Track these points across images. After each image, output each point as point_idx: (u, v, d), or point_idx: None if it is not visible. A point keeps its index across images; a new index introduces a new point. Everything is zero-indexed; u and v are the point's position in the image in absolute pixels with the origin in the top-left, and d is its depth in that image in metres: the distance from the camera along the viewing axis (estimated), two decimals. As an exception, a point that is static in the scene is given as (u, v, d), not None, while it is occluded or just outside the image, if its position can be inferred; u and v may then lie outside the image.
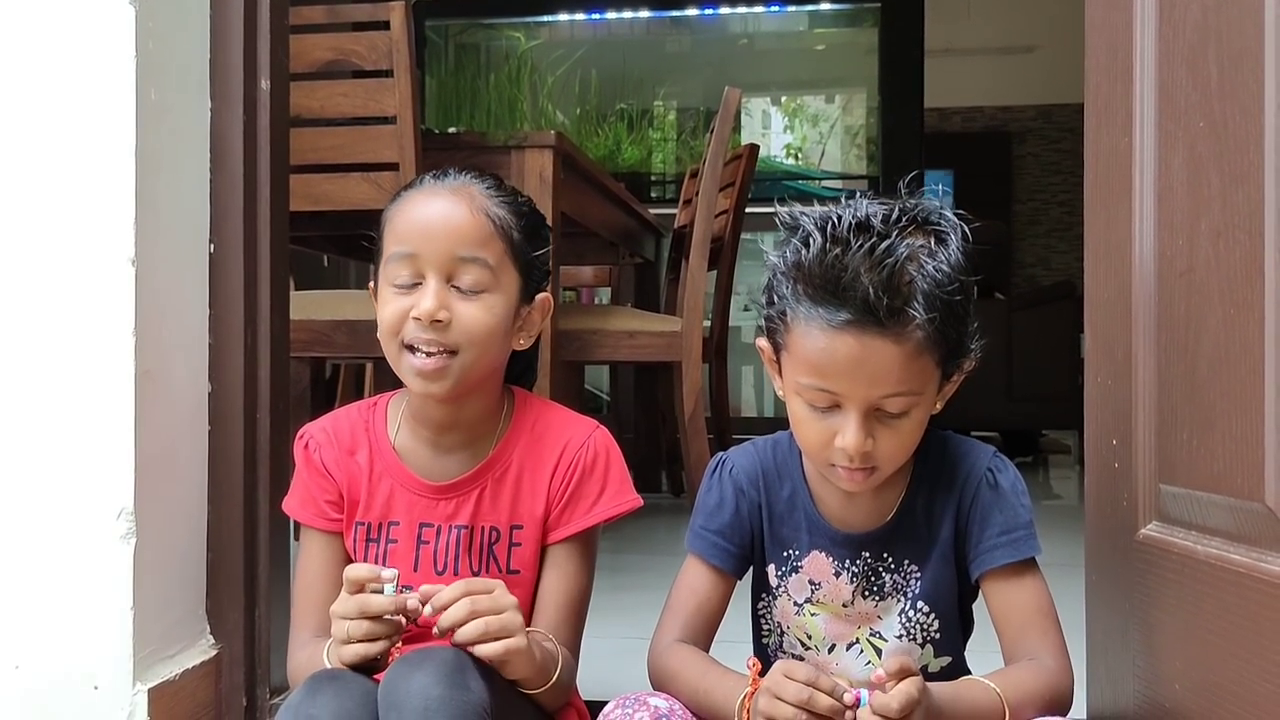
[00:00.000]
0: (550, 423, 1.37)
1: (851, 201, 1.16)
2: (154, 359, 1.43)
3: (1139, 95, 1.22)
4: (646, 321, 3.26)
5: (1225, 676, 1.06)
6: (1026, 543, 1.22)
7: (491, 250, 1.28)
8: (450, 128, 6.36)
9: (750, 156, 3.79)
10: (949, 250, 1.13)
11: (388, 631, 1.16)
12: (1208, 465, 1.09)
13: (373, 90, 2.59)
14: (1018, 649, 1.19)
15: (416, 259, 1.26)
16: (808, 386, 1.14)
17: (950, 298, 1.11)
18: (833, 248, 1.11)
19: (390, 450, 1.36)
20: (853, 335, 1.09)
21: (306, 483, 1.38)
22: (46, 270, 1.41)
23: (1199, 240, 1.10)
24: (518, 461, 1.35)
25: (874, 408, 1.13)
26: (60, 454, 1.40)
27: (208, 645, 1.55)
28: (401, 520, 1.35)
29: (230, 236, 1.56)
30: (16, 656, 1.41)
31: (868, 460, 1.14)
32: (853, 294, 1.09)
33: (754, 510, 1.29)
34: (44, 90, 1.41)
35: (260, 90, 1.59)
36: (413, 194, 1.31)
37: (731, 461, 1.32)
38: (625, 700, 1.14)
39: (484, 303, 1.27)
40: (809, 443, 1.18)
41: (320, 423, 1.41)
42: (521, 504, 1.34)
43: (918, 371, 1.12)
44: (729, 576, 1.30)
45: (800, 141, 7.23)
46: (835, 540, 1.26)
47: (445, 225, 1.27)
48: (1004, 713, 1.08)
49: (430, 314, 1.24)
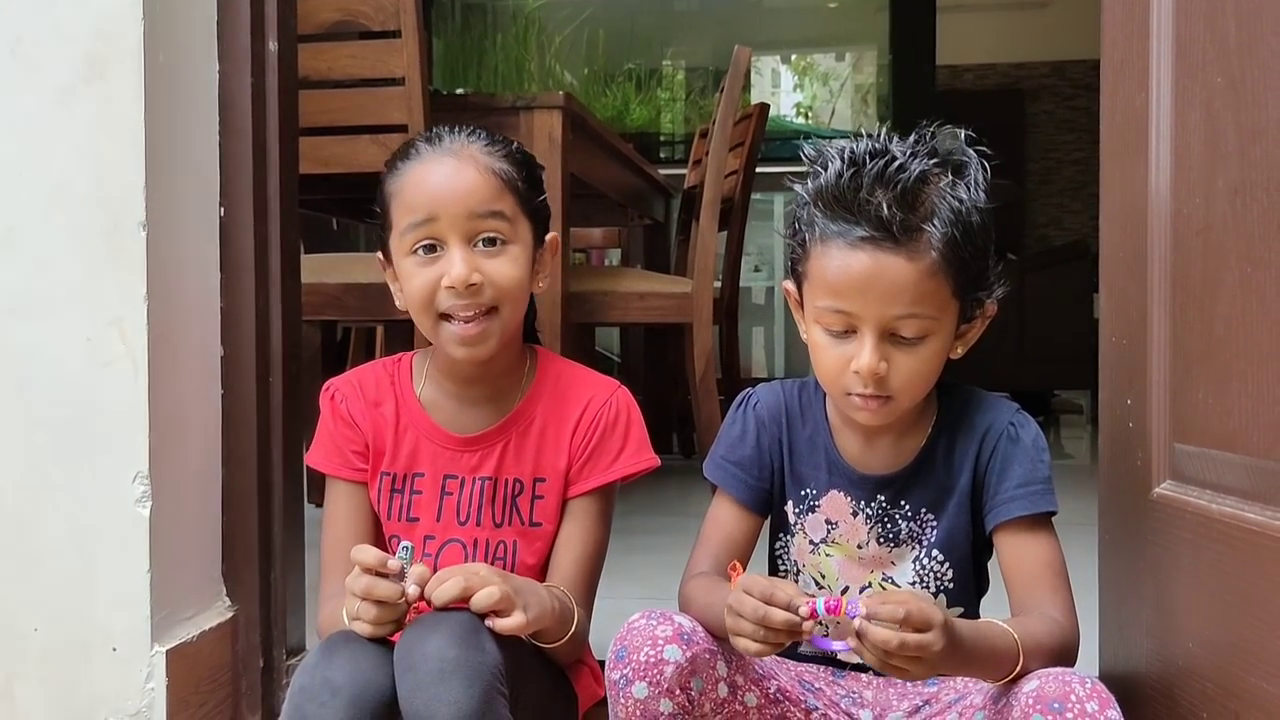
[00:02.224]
0: (573, 380, 1.39)
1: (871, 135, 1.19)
2: (166, 323, 1.43)
3: (1155, 51, 1.21)
4: (657, 283, 3.25)
5: (1239, 634, 1.06)
6: (1044, 497, 1.22)
7: (505, 204, 1.29)
8: (457, 89, 6.32)
9: (760, 116, 3.76)
10: (966, 179, 1.17)
11: (393, 616, 1.16)
12: (1223, 424, 1.09)
13: (380, 51, 2.57)
14: (1026, 602, 1.20)
15: (435, 224, 1.27)
16: (825, 309, 1.16)
17: (965, 219, 1.14)
18: (849, 169, 1.15)
19: (416, 403, 1.38)
20: (867, 252, 1.13)
21: (332, 433, 1.39)
22: (58, 236, 1.41)
23: (1216, 198, 1.09)
24: (541, 416, 1.37)
25: (889, 330, 1.15)
26: (75, 420, 1.41)
27: (224, 607, 1.56)
28: (426, 471, 1.36)
29: (240, 199, 1.56)
30: (35, 619, 1.42)
31: (882, 387, 1.16)
32: (867, 210, 1.13)
33: (774, 445, 1.31)
34: (52, 55, 1.40)
35: (268, 51, 1.58)
36: (413, 164, 1.30)
37: (757, 397, 1.33)
38: (652, 613, 1.16)
39: (509, 255, 1.29)
40: (826, 371, 1.19)
41: (345, 376, 1.42)
42: (544, 457, 1.36)
43: (932, 293, 1.14)
44: (752, 512, 1.31)
45: (810, 100, 7.18)
46: (854, 480, 1.27)
47: (458, 188, 1.27)
48: (1018, 657, 1.09)
49: (464, 280, 1.25)
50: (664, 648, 1.12)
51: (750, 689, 1.20)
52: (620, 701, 1.13)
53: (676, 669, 1.12)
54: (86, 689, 1.42)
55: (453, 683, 1.07)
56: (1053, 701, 1.03)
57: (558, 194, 2.63)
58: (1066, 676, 1.05)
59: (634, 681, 1.12)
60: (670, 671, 1.12)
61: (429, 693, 1.07)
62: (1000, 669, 1.10)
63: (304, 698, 1.11)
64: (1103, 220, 1.33)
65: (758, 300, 6.27)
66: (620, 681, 1.12)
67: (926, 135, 1.19)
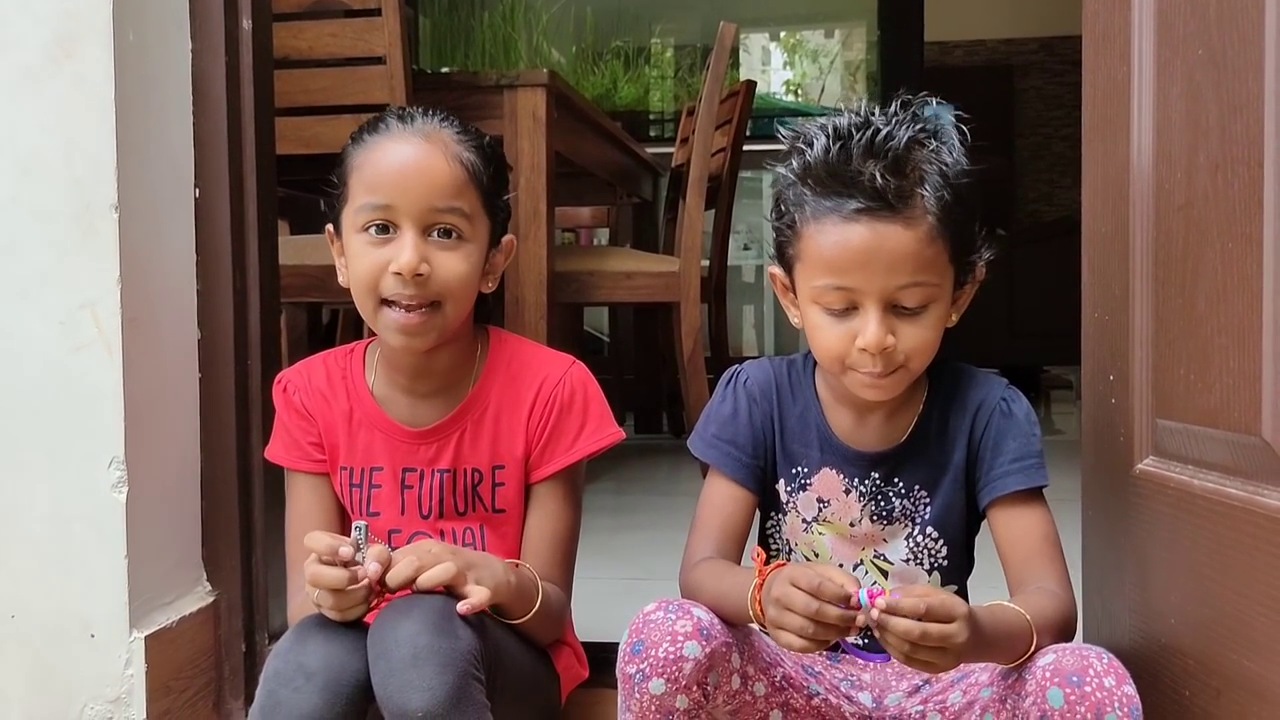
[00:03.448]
0: (526, 361, 1.36)
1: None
2: (140, 307, 1.42)
3: (1137, 23, 1.20)
4: (644, 262, 3.23)
5: (1221, 610, 1.05)
6: (1038, 471, 1.22)
7: (467, 199, 1.26)
8: (444, 67, 6.28)
9: (747, 93, 3.73)
10: (948, 143, 1.16)
11: (353, 601, 1.14)
12: (1205, 400, 1.08)
13: (361, 30, 2.55)
14: (1024, 576, 1.19)
15: (392, 209, 1.24)
16: (825, 288, 1.15)
17: (955, 181, 1.14)
18: (836, 143, 1.14)
19: (369, 397, 1.35)
20: (864, 224, 1.12)
21: (288, 426, 1.37)
22: (27, 219, 1.39)
23: (1197, 173, 1.08)
24: (495, 401, 1.34)
25: (892, 302, 1.14)
26: (49, 405, 1.40)
27: (205, 592, 1.55)
28: (385, 466, 1.34)
29: (216, 180, 1.54)
30: (12, 606, 1.42)
31: (890, 361, 1.15)
32: (860, 181, 1.11)
33: (766, 421, 1.29)
34: (20, 35, 1.38)
35: (242, 30, 1.56)
36: (381, 139, 1.27)
37: (747, 373, 1.31)
38: (669, 604, 1.13)
39: (462, 252, 1.26)
40: (828, 350, 1.17)
41: (297, 368, 1.39)
42: (501, 444, 1.34)
43: (932, 259, 1.13)
44: (748, 490, 1.29)
45: (800, 78, 7.15)
46: (846, 457, 1.26)
47: (421, 176, 1.24)
48: (1032, 638, 1.08)
49: (412, 268, 1.22)
50: (684, 644, 1.09)
51: (759, 678, 1.19)
52: (635, 696, 1.10)
53: (695, 665, 1.10)
54: (65, 676, 1.41)
55: (426, 669, 1.06)
56: (1071, 675, 1.02)
57: (542, 173, 2.61)
58: (1084, 651, 1.05)
59: (651, 678, 1.09)
60: (689, 669, 1.09)
61: (402, 679, 1.06)
62: (1015, 651, 1.09)
63: (278, 682, 1.10)
64: (1085, 195, 1.31)
65: (747, 278, 6.25)
66: (636, 676, 1.10)
67: (905, 104, 1.18)
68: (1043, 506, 1.23)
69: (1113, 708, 1.01)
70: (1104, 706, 1.01)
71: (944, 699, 1.20)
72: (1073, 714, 1.01)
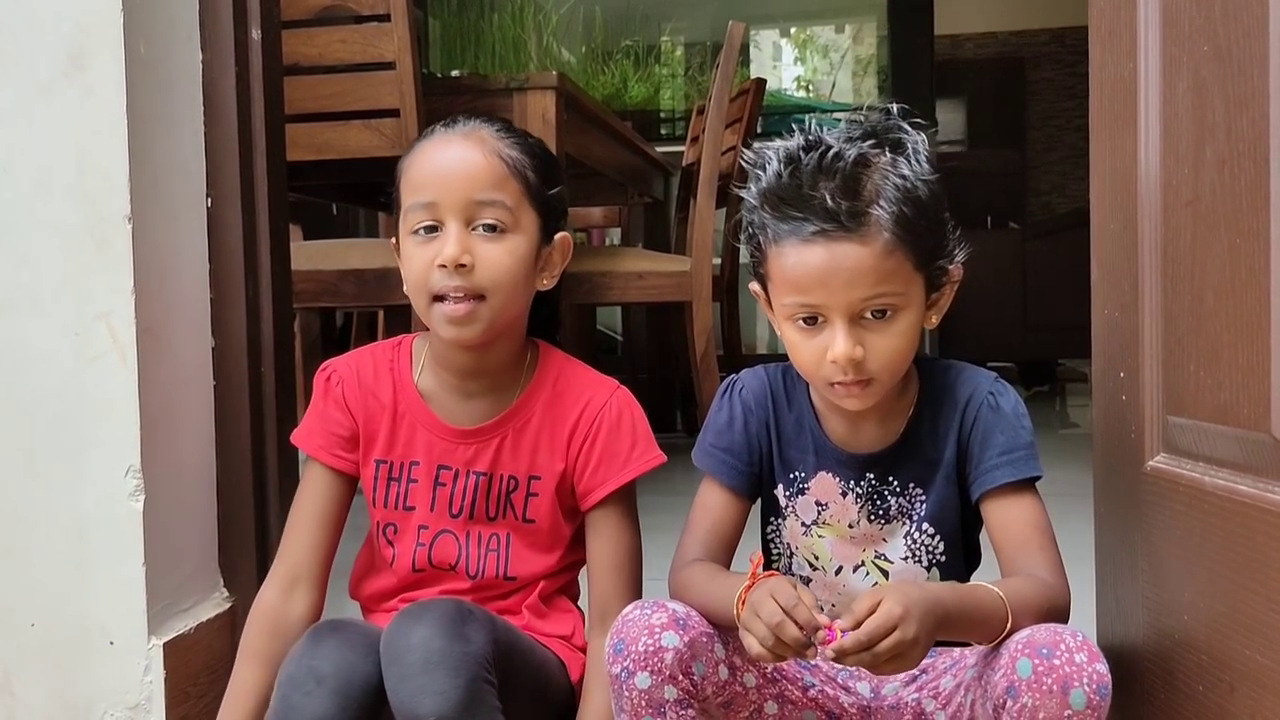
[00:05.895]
0: (572, 380, 1.37)
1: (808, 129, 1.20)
2: (154, 316, 1.43)
3: (1143, 19, 1.19)
4: (655, 262, 3.24)
5: (1233, 606, 1.05)
6: (1027, 463, 1.22)
7: (508, 191, 1.28)
8: (454, 70, 6.30)
9: (757, 91, 3.74)
10: (907, 153, 1.16)
11: None
12: (1214, 396, 1.08)
13: (370, 35, 2.56)
14: (1015, 564, 1.20)
15: (435, 206, 1.26)
16: (792, 305, 1.17)
17: (912, 194, 1.14)
18: (788, 167, 1.16)
19: (414, 391, 1.36)
20: (821, 245, 1.13)
21: (322, 413, 1.37)
22: (42, 231, 1.40)
23: (1204, 168, 1.08)
24: (539, 414, 1.35)
25: (857, 314, 1.15)
26: (66, 415, 1.41)
27: (221, 598, 1.56)
28: (421, 460, 1.35)
29: (227, 189, 1.55)
30: (32, 614, 1.43)
31: (861, 371, 1.16)
32: (812, 204, 1.13)
33: (762, 429, 1.31)
34: (32, 48, 1.39)
35: (251, 39, 1.57)
36: (425, 144, 1.31)
37: (742, 382, 1.33)
38: (645, 602, 1.16)
39: (506, 244, 1.27)
40: (805, 364, 1.20)
41: (346, 358, 1.40)
42: (540, 456, 1.35)
43: (893, 271, 1.14)
44: (741, 496, 1.31)
45: (811, 74, 7.15)
46: (841, 461, 1.28)
47: (461, 170, 1.27)
48: (1007, 616, 1.09)
49: (454, 259, 1.24)
50: (661, 635, 1.12)
51: (749, 669, 1.21)
52: (625, 694, 1.12)
53: (676, 654, 1.12)
54: (85, 683, 1.42)
55: (438, 674, 1.07)
56: (1041, 647, 1.03)
57: (552, 175, 2.62)
58: (1058, 629, 1.06)
59: (636, 673, 1.11)
60: (670, 658, 1.11)
61: (415, 684, 1.07)
62: (990, 629, 1.10)
63: (290, 687, 1.11)
64: (1093, 191, 1.31)
65: (760, 276, 6.24)
66: (622, 674, 1.12)
67: (860, 118, 1.19)
68: (1033, 497, 1.23)
69: (1080, 682, 1.01)
70: (1071, 680, 1.01)
71: (937, 685, 1.22)
72: (1039, 685, 1.02)
